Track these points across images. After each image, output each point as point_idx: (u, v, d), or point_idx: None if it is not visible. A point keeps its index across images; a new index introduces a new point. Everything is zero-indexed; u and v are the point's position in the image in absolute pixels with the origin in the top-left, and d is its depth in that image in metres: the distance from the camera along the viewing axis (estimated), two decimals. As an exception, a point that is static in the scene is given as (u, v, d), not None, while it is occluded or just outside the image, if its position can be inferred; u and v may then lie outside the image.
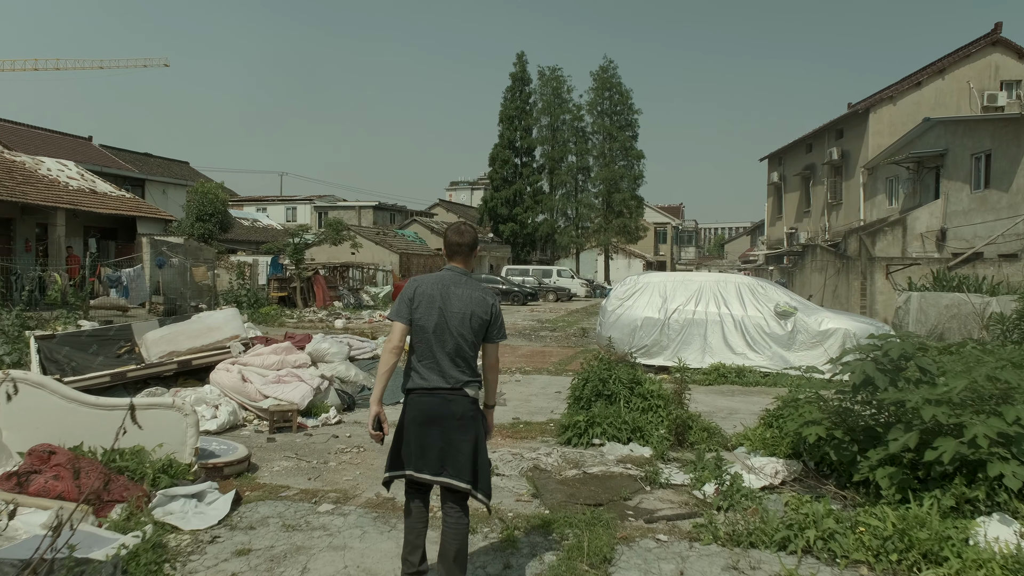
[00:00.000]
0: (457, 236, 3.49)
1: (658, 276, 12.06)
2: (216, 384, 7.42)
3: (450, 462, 3.26)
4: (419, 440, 3.27)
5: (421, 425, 3.28)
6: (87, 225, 22.21)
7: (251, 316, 20.21)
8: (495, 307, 3.43)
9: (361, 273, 32.15)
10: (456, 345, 3.29)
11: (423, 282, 3.43)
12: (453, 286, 3.37)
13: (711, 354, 10.96)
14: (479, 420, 3.39)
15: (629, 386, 7.26)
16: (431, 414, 3.27)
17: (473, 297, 3.36)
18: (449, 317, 3.30)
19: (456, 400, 3.28)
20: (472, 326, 3.32)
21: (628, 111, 48.92)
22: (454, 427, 3.26)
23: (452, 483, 3.26)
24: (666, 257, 69.31)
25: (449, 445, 3.25)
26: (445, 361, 3.28)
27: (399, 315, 3.35)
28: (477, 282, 3.48)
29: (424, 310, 3.32)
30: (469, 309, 3.33)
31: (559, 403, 8.73)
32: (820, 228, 32.08)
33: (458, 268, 3.47)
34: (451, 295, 3.34)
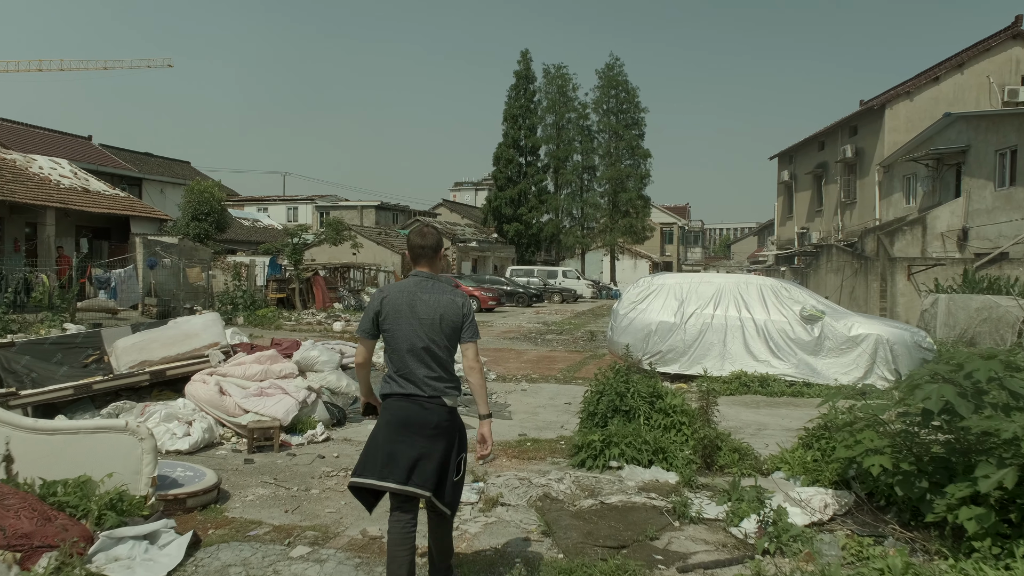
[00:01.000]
0: (420, 239, 3.42)
1: (673, 277, 11.31)
2: (191, 397, 6.71)
3: (419, 471, 3.18)
4: (389, 446, 3.20)
5: (395, 430, 3.22)
6: (79, 224, 21.57)
7: (247, 318, 19.55)
8: (466, 306, 3.36)
9: (362, 274, 31.47)
10: (430, 352, 3.24)
11: (389, 292, 3.35)
12: (420, 292, 3.30)
13: (731, 361, 10.21)
14: (454, 428, 3.31)
15: (649, 400, 6.52)
16: (406, 420, 3.21)
17: (441, 301, 3.30)
18: (419, 324, 3.24)
19: (433, 409, 3.22)
20: (444, 330, 3.27)
21: (635, 109, 48.15)
22: (428, 436, 3.20)
23: (415, 491, 3.17)
24: (672, 258, 68.50)
25: (421, 454, 3.18)
26: (421, 369, 3.23)
27: (364, 331, 3.34)
28: (445, 284, 3.39)
29: (392, 320, 3.26)
30: (438, 313, 3.26)
31: (570, 417, 7.99)
32: (833, 228, 31.27)
33: (424, 273, 3.39)
34: (418, 302, 3.27)
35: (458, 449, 3.33)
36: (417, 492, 3.17)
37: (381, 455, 3.20)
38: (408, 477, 3.16)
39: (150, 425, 6.16)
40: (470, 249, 44.07)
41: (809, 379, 9.78)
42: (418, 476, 3.17)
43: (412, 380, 3.22)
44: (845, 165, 30.01)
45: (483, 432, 3.37)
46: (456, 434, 3.32)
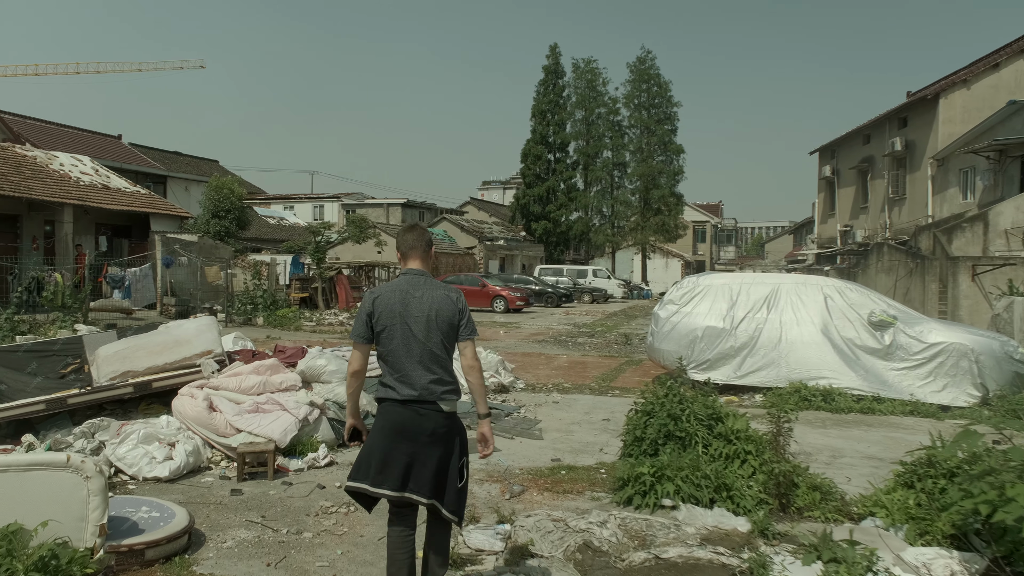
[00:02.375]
0: (408, 234, 3.35)
1: (721, 277, 10.23)
2: (177, 414, 5.88)
3: (414, 477, 3.11)
4: (383, 452, 3.12)
5: (389, 436, 3.13)
6: (99, 222, 21.15)
7: (267, 319, 18.90)
8: (460, 301, 3.25)
9: (387, 273, 30.75)
10: (425, 351, 3.14)
11: (381, 293, 3.22)
12: (412, 290, 3.20)
13: (789, 371, 9.10)
14: (453, 434, 3.20)
15: (707, 424, 5.50)
16: (400, 426, 3.12)
17: (435, 297, 3.19)
18: (413, 324, 3.14)
19: (428, 415, 3.12)
20: (440, 328, 3.17)
21: (667, 103, 46.72)
22: (424, 443, 3.11)
23: (413, 498, 3.10)
24: (705, 257, 66.84)
25: (414, 460, 3.10)
26: (417, 370, 3.13)
27: (359, 335, 3.20)
28: (437, 281, 3.29)
29: (386, 321, 3.15)
30: (433, 311, 3.16)
31: (609, 437, 7.00)
32: (880, 225, 29.66)
33: (415, 270, 3.28)
34: (411, 300, 3.17)
35: (459, 454, 3.22)
36: (415, 499, 3.10)
37: (376, 460, 3.12)
38: (404, 484, 3.09)
39: (126, 448, 5.34)
40: (498, 248, 43.20)
41: (879, 393, 8.63)
42: (414, 482, 3.10)
43: (408, 383, 3.12)
44: (893, 159, 28.40)
45: (483, 432, 3.30)
46: (456, 439, 3.21)
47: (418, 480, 3.10)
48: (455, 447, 3.20)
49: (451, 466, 3.17)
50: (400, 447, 3.10)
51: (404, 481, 3.09)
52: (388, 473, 3.08)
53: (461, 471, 3.22)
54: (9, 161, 19.18)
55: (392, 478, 3.08)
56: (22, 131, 30.12)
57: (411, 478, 3.09)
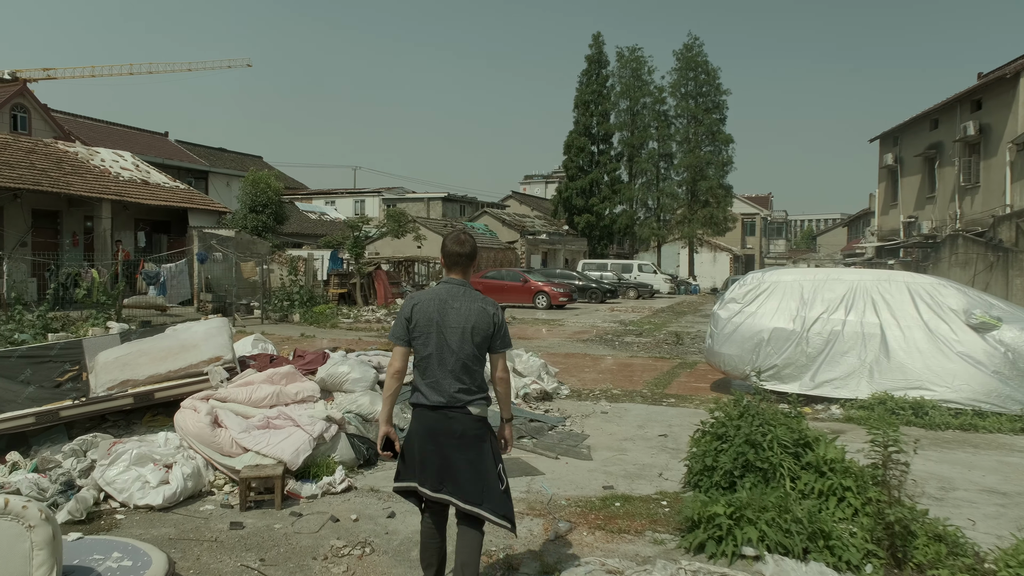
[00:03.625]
0: (457, 246, 3.33)
1: (790, 274, 9.17)
2: (179, 429, 5.21)
3: (448, 480, 3.17)
4: (420, 455, 3.21)
5: (422, 440, 3.22)
6: (138, 218, 21.05)
7: (303, 315, 18.47)
8: (497, 316, 3.27)
9: (427, 268, 30.20)
10: (458, 362, 3.18)
11: (420, 300, 3.29)
12: (451, 300, 3.23)
13: (871, 380, 8.02)
14: (484, 438, 3.23)
15: (794, 451, 4.56)
16: (431, 430, 3.19)
17: (472, 309, 3.23)
18: (448, 333, 3.19)
19: (456, 417, 3.17)
20: (474, 340, 3.21)
21: (715, 92, 44.98)
22: (454, 445, 3.17)
23: (451, 500, 3.18)
24: (754, 251, 64.65)
25: (447, 462, 3.17)
26: (447, 379, 3.18)
27: (398, 337, 3.26)
28: (476, 293, 3.32)
29: (422, 329, 3.21)
30: (469, 323, 3.20)
31: (668, 458, 6.09)
32: (949, 216, 27.72)
33: (456, 280, 3.32)
34: (449, 310, 3.21)
35: (494, 459, 3.24)
36: (454, 502, 3.17)
37: (416, 461, 3.23)
38: (440, 485, 3.17)
39: (117, 470, 4.68)
40: (540, 242, 42.30)
41: (981, 406, 7.49)
42: (452, 486, 3.17)
43: (438, 390, 3.18)
44: (965, 145, 26.45)
45: (505, 435, 3.40)
46: (487, 443, 3.24)
47: (455, 484, 3.16)
48: (487, 451, 3.22)
49: (487, 469, 3.19)
50: (433, 449, 3.17)
51: (440, 482, 3.17)
52: (426, 474, 3.20)
53: (500, 475, 3.24)
54: (51, 157, 19.16)
55: (430, 479, 3.19)
56: (72, 129, 30.58)
57: (447, 481, 3.17)
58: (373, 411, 6.19)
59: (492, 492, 3.17)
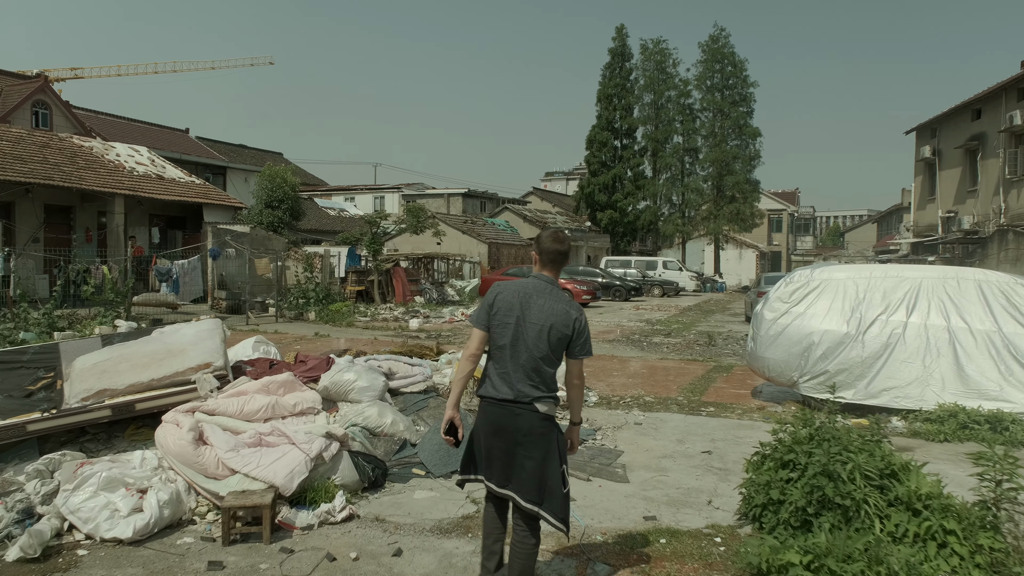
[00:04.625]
0: (555, 243, 3.28)
1: (843, 270, 8.33)
2: (160, 446, 4.57)
3: (513, 477, 3.14)
4: (486, 450, 3.19)
5: (488, 435, 3.18)
6: (152, 213, 20.69)
7: (319, 313, 17.92)
8: (579, 321, 3.20)
9: (447, 265, 29.58)
10: (531, 358, 3.13)
11: (505, 289, 3.26)
12: (536, 295, 3.20)
13: (938, 390, 7.18)
14: (551, 437, 3.15)
15: (879, 483, 3.79)
16: (496, 425, 3.15)
17: (555, 309, 3.16)
18: (526, 328, 3.14)
19: (523, 415, 3.11)
20: (550, 340, 3.14)
21: (742, 84, 43.73)
22: (518, 443, 3.12)
23: (514, 497, 3.14)
24: (781, 247, 63.18)
25: (512, 459, 3.13)
26: (518, 374, 3.13)
27: (478, 322, 3.25)
28: (562, 293, 3.25)
29: (501, 318, 3.19)
30: (548, 322, 3.14)
31: (716, 480, 5.33)
32: (992, 210, 26.42)
33: (545, 277, 3.26)
34: (531, 305, 3.17)
35: (559, 459, 3.16)
36: (517, 500, 3.12)
37: (481, 455, 3.21)
38: (506, 481, 3.15)
39: (83, 496, 4.05)
40: (561, 238, 41.46)
41: (1068, 421, 6.62)
42: (516, 484, 3.13)
43: (507, 384, 3.13)
44: (1011, 135, 25.16)
45: (572, 437, 3.35)
46: (554, 443, 3.15)
47: (519, 482, 3.13)
48: (554, 451, 3.15)
49: (551, 471, 3.13)
50: (499, 445, 3.14)
51: (506, 479, 3.15)
52: (492, 469, 3.18)
53: (564, 477, 3.17)
54: (64, 152, 18.83)
55: (496, 474, 3.17)
56: (94, 126, 30.45)
57: (512, 478, 3.14)
58: (381, 424, 5.52)
59: (554, 493, 3.12)
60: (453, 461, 5.36)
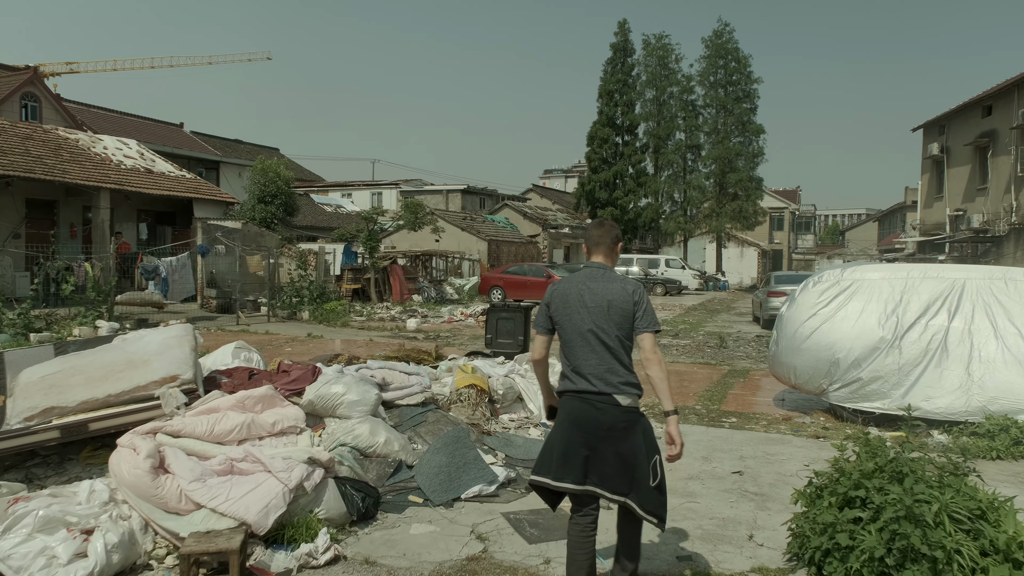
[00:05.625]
0: (599, 230, 3.41)
1: (877, 270, 7.70)
2: (114, 476, 3.93)
3: (594, 471, 3.05)
4: (563, 444, 3.09)
5: (567, 429, 3.10)
6: (141, 208, 20.00)
7: (313, 313, 17.27)
8: (637, 292, 3.16)
9: (445, 263, 28.93)
10: (599, 342, 3.08)
11: (560, 285, 3.28)
12: (590, 282, 3.19)
13: (986, 400, 6.56)
14: (635, 431, 3.08)
15: (969, 527, 3.16)
16: (578, 419, 3.08)
17: (611, 289, 3.15)
18: (588, 314, 3.12)
19: (605, 409, 3.05)
20: (613, 319, 3.10)
21: (746, 80, 42.98)
22: (601, 437, 3.04)
23: (596, 491, 3.06)
24: (782, 246, 62.66)
25: (594, 453, 3.05)
26: (591, 360, 3.08)
27: (539, 325, 3.28)
28: (616, 274, 3.25)
29: (561, 312, 3.19)
30: (606, 300, 3.12)
31: (755, 508, 4.69)
32: (1003, 208, 25.81)
33: (596, 264, 3.29)
34: (586, 291, 3.17)
35: (647, 450, 3.09)
36: (599, 492, 3.05)
37: (557, 453, 3.10)
38: (584, 476, 3.05)
39: (14, 540, 3.41)
40: (562, 236, 40.90)
41: None
42: (596, 475, 3.05)
43: (583, 375, 3.08)
44: (1023, 132, 24.56)
45: (670, 431, 3.17)
46: (639, 434, 3.09)
47: (600, 474, 3.03)
48: (640, 442, 3.08)
49: (637, 462, 3.05)
50: (578, 439, 3.05)
51: (584, 473, 3.04)
52: (569, 466, 3.05)
53: (654, 469, 3.07)
54: (48, 144, 18.13)
55: (573, 471, 3.05)
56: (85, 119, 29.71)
57: (591, 471, 3.04)
58: (373, 443, 4.88)
59: (641, 484, 3.04)
60: (455, 486, 4.73)
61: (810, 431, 6.99)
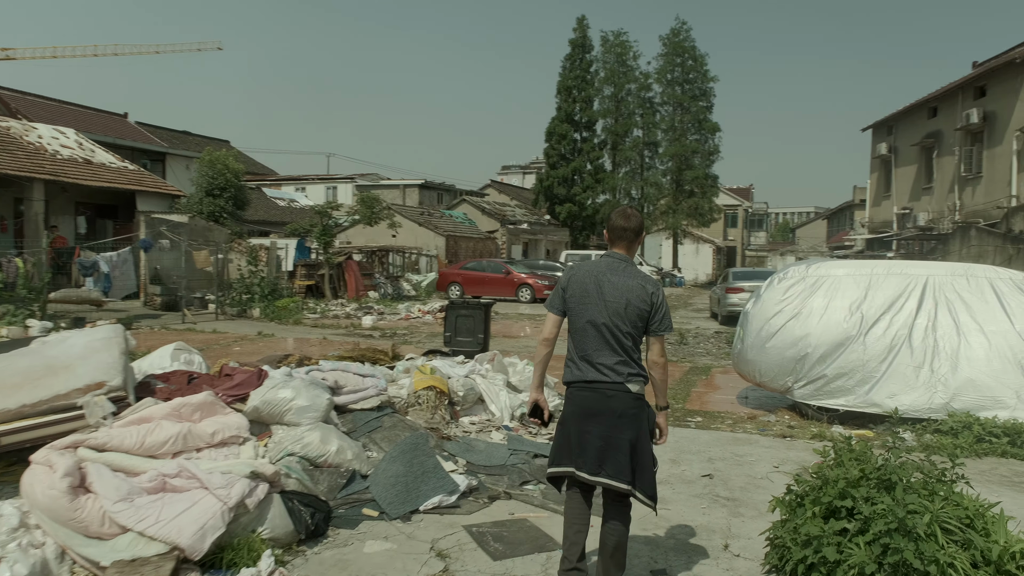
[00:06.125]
0: (623, 220, 3.30)
1: (842, 266, 7.65)
2: (26, 497, 3.49)
3: (609, 461, 3.09)
4: (578, 436, 3.13)
5: (580, 420, 3.14)
6: (80, 201, 18.98)
7: (264, 310, 16.63)
8: (656, 295, 3.18)
9: (402, 258, 28.40)
10: (612, 336, 3.11)
11: (579, 270, 3.28)
12: (610, 273, 3.18)
13: (949, 397, 6.54)
14: (642, 417, 3.16)
15: (960, 538, 2.99)
16: (589, 409, 3.12)
17: (630, 286, 3.15)
18: (604, 308, 3.13)
19: (616, 396, 3.10)
20: (628, 317, 3.12)
21: (703, 79, 43.54)
22: (613, 424, 3.09)
23: (610, 483, 3.09)
24: (736, 242, 63.83)
25: (608, 444, 3.09)
26: (603, 353, 3.11)
27: (552, 305, 3.29)
28: (637, 269, 3.24)
29: (577, 300, 3.19)
30: (624, 298, 3.12)
31: (728, 514, 4.50)
32: (948, 207, 26.63)
33: (618, 255, 3.26)
34: (606, 283, 3.16)
35: (649, 437, 3.20)
36: (611, 484, 3.08)
37: (573, 442, 3.14)
38: (600, 468, 3.09)
39: (-98, 573, 2.94)
40: (521, 231, 40.69)
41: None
42: (611, 467, 3.08)
43: (594, 364, 3.11)
44: (967, 133, 25.32)
45: (660, 423, 3.30)
46: (645, 423, 3.17)
47: (615, 465, 3.07)
48: (645, 430, 3.16)
49: (644, 449, 3.14)
50: (592, 430, 3.09)
51: (600, 465, 3.08)
52: (585, 457, 3.10)
53: (653, 456, 3.21)
54: (-25, 131, 17.01)
55: (589, 462, 3.09)
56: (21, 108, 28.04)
57: (607, 463, 3.08)
58: (324, 453, 4.52)
59: (645, 472, 3.14)
60: (413, 498, 4.41)
61: (776, 430, 6.88)
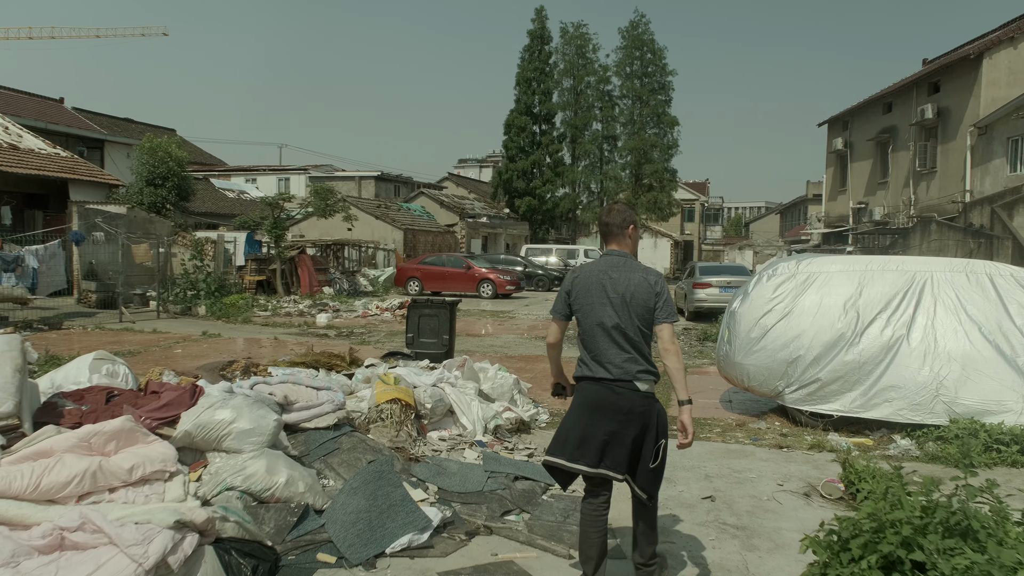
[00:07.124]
0: (604, 215, 3.39)
1: (835, 262, 7.22)
2: None
3: (610, 455, 3.13)
4: (582, 429, 3.16)
5: (586, 413, 3.17)
6: (4, 190, 17.50)
7: (210, 308, 15.58)
8: (658, 284, 3.21)
9: (359, 253, 27.41)
10: (622, 335, 3.13)
11: (582, 273, 3.30)
12: (611, 270, 3.22)
13: (951, 402, 6.16)
14: (651, 414, 3.15)
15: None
16: (596, 403, 3.15)
17: (632, 279, 3.19)
18: (610, 308, 3.16)
19: (624, 394, 3.12)
20: (635, 311, 3.15)
21: (661, 72, 43.49)
22: (620, 421, 3.11)
23: (608, 475, 3.15)
24: (693, 237, 64.34)
25: (612, 438, 3.12)
26: (610, 350, 3.14)
27: (556, 311, 3.35)
28: (637, 263, 3.27)
29: (582, 300, 3.22)
30: (628, 292, 3.16)
31: (740, 546, 3.96)
32: (903, 201, 27.03)
33: (615, 251, 3.31)
34: (607, 280, 3.19)
35: (656, 435, 3.18)
36: (609, 475, 3.14)
37: (574, 437, 3.17)
38: (600, 460, 3.13)
39: None
40: (480, 225, 39.98)
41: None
42: (609, 460, 3.13)
43: (602, 362, 3.14)
44: (922, 128, 25.67)
45: (683, 420, 3.20)
46: (653, 419, 3.17)
47: (615, 458, 3.12)
48: (653, 427, 3.16)
49: (645, 444, 3.15)
50: (599, 425, 3.12)
51: (600, 458, 3.12)
52: (586, 450, 3.13)
53: (658, 452, 3.18)
54: None
55: (590, 455, 3.13)
56: (-59, 90, 26.10)
57: (607, 455, 3.12)
58: (271, 485, 3.81)
59: (643, 465, 3.15)
60: (378, 538, 3.74)
61: (770, 439, 6.41)
